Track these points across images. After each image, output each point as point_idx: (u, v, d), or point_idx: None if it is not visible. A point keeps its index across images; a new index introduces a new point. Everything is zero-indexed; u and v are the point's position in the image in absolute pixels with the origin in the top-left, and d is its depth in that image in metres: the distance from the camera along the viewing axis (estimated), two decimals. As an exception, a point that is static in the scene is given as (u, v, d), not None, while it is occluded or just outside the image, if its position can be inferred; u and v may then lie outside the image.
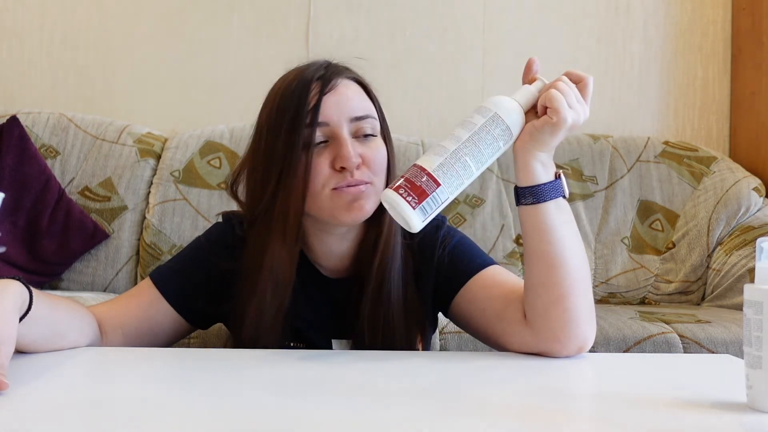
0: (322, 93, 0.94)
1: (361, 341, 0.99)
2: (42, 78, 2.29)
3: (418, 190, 0.78)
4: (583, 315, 0.89)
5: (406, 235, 1.01)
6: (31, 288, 0.81)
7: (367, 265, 0.99)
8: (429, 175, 0.79)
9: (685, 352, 1.46)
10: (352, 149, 0.93)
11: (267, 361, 0.86)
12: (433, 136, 2.23)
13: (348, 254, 1.03)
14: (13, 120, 1.99)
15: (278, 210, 0.95)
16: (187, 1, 2.31)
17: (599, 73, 2.39)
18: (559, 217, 0.89)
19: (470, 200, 2.05)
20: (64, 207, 1.93)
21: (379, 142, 0.98)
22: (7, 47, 2.28)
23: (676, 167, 2.15)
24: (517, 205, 0.91)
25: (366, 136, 0.96)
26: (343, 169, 0.92)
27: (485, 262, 1.02)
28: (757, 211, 2.06)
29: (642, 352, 1.45)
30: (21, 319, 0.78)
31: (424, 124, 2.33)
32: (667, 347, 1.47)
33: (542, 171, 0.89)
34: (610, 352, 1.45)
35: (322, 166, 0.93)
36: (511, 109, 0.84)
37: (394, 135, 2.36)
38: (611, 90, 2.39)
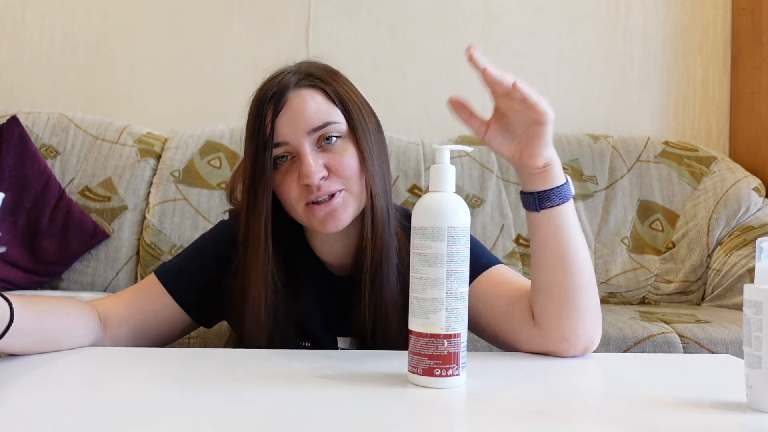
0: (276, 114, 0.95)
1: (361, 339, 1.00)
2: (42, 78, 2.29)
3: (449, 358, 0.73)
4: (592, 315, 0.90)
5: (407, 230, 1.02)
6: (13, 300, 0.80)
7: (363, 262, 1.00)
8: (446, 336, 0.73)
9: (685, 352, 1.46)
10: (314, 164, 0.93)
11: (267, 360, 0.86)
12: (433, 135, 2.23)
13: (350, 251, 1.03)
14: (13, 120, 1.99)
15: (252, 230, 0.97)
16: (187, 1, 2.32)
17: (599, 73, 2.39)
18: (575, 216, 0.90)
19: (470, 200, 2.05)
20: (64, 207, 1.93)
21: (345, 147, 0.97)
22: (7, 47, 2.28)
23: (676, 167, 2.15)
24: (539, 210, 0.87)
25: (330, 144, 0.96)
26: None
27: (490, 261, 1.02)
28: (757, 211, 2.06)
29: (642, 352, 1.45)
30: (3, 334, 0.77)
31: (424, 124, 2.33)
32: (667, 347, 1.47)
33: (560, 170, 0.88)
34: (610, 352, 1.45)
35: (290, 184, 0.95)
36: (455, 209, 0.75)
37: (394, 135, 2.36)
38: (611, 90, 2.39)
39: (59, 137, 2.04)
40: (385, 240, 0.98)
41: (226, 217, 1.10)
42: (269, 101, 0.95)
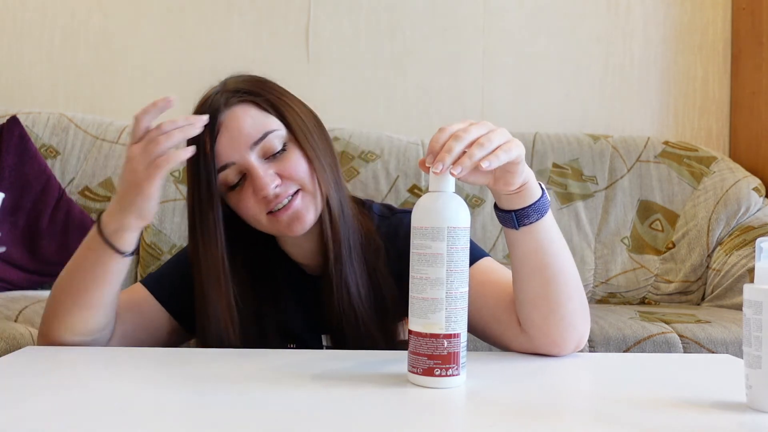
0: (213, 138, 0.94)
1: (338, 337, 1.01)
2: (42, 78, 2.29)
3: (449, 358, 0.73)
4: (578, 317, 0.89)
5: (381, 226, 1.05)
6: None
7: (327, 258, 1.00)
8: (446, 336, 0.73)
9: (685, 352, 1.46)
10: (265, 175, 0.94)
11: (267, 360, 0.86)
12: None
13: (318, 249, 1.04)
14: (13, 120, 1.99)
15: (207, 260, 0.97)
16: (187, 1, 2.32)
17: (599, 73, 2.39)
18: (554, 225, 0.88)
19: (470, 200, 2.05)
20: (64, 207, 1.93)
21: (292, 152, 0.97)
22: (7, 47, 2.28)
23: (676, 167, 2.15)
24: (518, 227, 0.84)
25: (276, 152, 0.96)
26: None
27: (475, 256, 1.00)
28: (757, 211, 2.06)
29: (642, 352, 1.45)
30: (133, 252, 0.93)
31: (424, 124, 2.33)
32: (667, 347, 1.47)
33: (535, 184, 0.84)
34: (610, 352, 1.45)
35: (247, 200, 0.96)
36: (455, 209, 0.75)
37: (394, 135, 2.35)
38: (611, 90, 2.39)
39: (59, 137, 2.04)
40: (342, 233, 0.99)
41: None
42: (204, 128, 0.93)
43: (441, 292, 0.73)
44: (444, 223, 0.73)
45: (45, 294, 1.84)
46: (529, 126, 2.30)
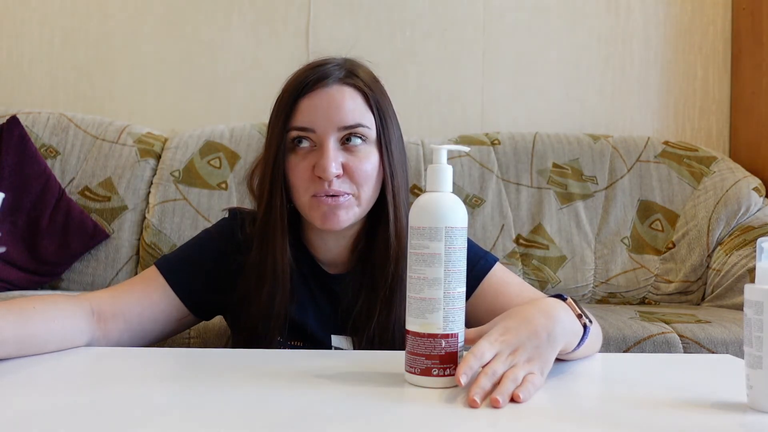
0: (312, 100, 0.96)
1: (368, 342, 1.00)
2: (42, 78, 2.29)
3: (447, 358, 0.73)
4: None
5: None
6: None
7: (378, 268, 1.00)
8: (444, 336, 0.73)
9: (685, 352, 1.46)
10: (333, 160, 0.94)
11: (266, 360, 0.86)
12: (433, 135, 2.23)
13: (345, 250, 1.04)
14: (13, 120, 1.99)
15: (273, 206, 0.98)
16: (187, 1, 2.32)
17: (599, 73, 2.40)
18: (596, 334, 0.92)
19: (470, 200, 2.05)
20: (64, 207, 1.93)
21: (368, 152, 0.97)
22: (7, 47, 2.28)
23: (676, 167, 2.15)
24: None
25: (354, 145, 0.96)
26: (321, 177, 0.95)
27: (483, 269, 1.03)
28: (757, 211, 2.06)
29: (642, 352, 1.45)
30: None
31: (424, 124, 2.33)
32: (667, 347, 1.47)
33: (578, 334, 0.82)
34: (610, 352, 1.45)
35: (304, 170, 0.96)
36: (453, 209, 0.75)
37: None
38: (611, 90, 2.39)
39: (59, 137, 2.04)
40: (406, 257, 0.99)
41: (226, 215, 1.10)
42: (310, 86, 0.96)
43: (438, 292, 0.73)
44: (441, 223, 0.73)
45: (42, 294, 1.84)
46: (529, 126, 2.30)
